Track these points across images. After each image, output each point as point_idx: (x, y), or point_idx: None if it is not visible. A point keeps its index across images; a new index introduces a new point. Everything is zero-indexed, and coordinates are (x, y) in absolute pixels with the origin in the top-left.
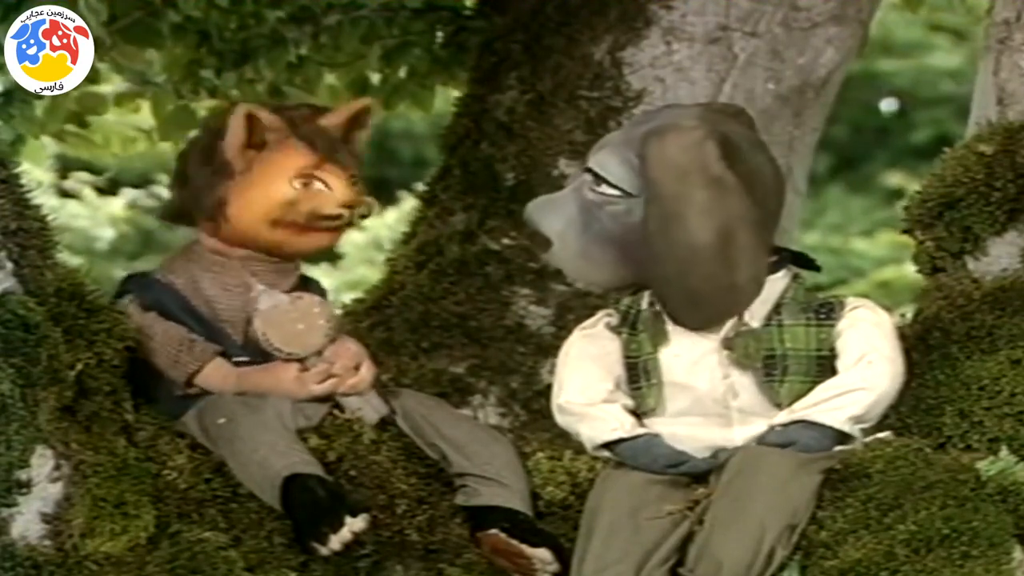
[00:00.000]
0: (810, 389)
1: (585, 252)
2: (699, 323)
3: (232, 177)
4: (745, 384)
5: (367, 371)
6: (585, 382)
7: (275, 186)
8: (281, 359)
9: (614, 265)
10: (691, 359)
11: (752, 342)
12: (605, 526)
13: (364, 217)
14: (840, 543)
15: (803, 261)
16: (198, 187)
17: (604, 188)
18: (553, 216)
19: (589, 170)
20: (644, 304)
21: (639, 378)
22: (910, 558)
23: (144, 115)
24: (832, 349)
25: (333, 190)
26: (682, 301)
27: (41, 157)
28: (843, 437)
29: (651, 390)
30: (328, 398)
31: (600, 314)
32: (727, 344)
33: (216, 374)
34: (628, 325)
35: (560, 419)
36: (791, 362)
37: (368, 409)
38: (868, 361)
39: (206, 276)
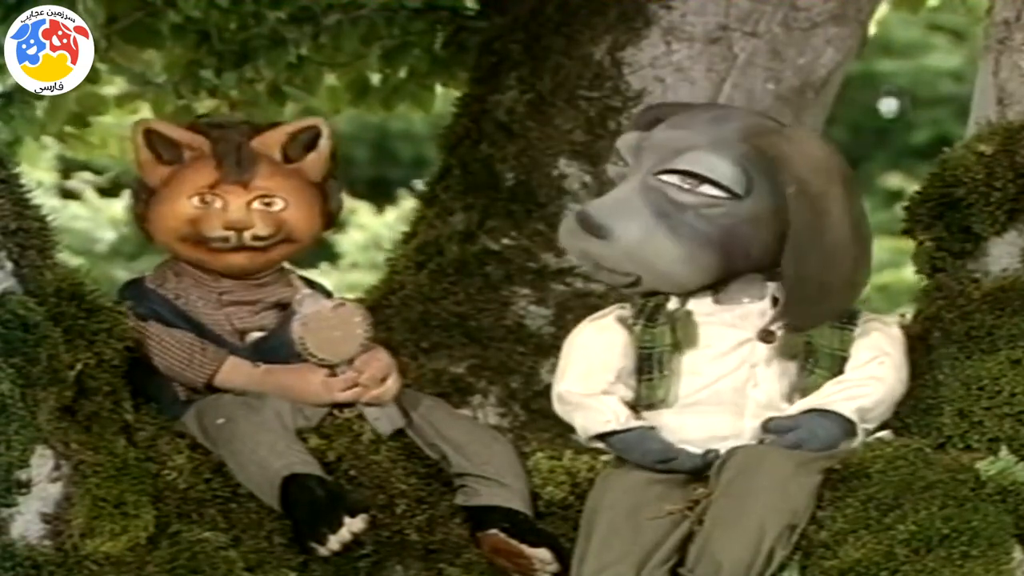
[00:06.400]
0: None
1: (690, 256)
2: (818, 320)
3: (152, 193)
4: (767, 375)
5: (393, 383)
6: (587, 372)
7: (177, 203)
8: (313, 364)
9: (712, 268)
10: (720, 350)
11: (794, 337)
12: (605, 526)
13: (262, 240)
14: (840, 543)
15: None
16: (132, 200)
17: (707, 189)
18: (629, 222)
19: (682, 172)
20: (672, 303)
21: (651, 369)
22: (910, 558)
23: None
24: (848, 353)
25: (226, 210)
26: (814, 297)
27: (38, 159)
28: (850, 429)
29: (663, 381)
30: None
31: (612, 307)
32: (765, 337)
33: (237, 373)
34: (644, 317)
35: (558, 407)
36: (821, 356)
37: (385, 420)
38: (879, 362)
39: (189, 290)
